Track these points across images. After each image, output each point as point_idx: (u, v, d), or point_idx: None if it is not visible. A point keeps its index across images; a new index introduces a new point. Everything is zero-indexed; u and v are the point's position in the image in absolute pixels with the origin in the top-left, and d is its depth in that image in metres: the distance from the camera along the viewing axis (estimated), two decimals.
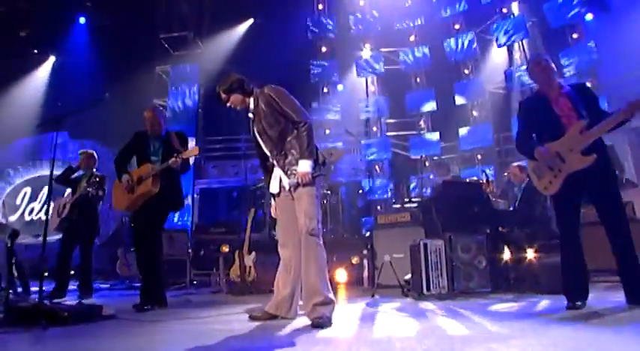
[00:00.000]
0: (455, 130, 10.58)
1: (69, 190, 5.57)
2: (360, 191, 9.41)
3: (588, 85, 3.45)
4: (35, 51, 11.80)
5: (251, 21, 12.07)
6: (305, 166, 2.93)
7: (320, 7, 11.23)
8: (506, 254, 4.92)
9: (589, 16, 8.87)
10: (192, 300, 4.74)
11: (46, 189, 11.06)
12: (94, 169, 5.57)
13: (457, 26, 10.53)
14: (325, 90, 11.32)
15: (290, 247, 3.12)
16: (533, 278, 4.44)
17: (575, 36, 8.91)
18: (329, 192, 7.25)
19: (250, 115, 3.21)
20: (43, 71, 11.87)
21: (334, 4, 11.24)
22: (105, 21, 11.35)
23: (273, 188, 3.20)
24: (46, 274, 5.20)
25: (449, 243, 4.57)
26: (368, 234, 8.52)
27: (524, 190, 5.37)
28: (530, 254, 5.02)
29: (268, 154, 3.14)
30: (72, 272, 5.54)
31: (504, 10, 9.88)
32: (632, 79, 8.16)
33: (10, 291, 4.73)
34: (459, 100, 10.66)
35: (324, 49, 11.18)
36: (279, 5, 11.77)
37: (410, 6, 10.92)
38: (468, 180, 6.82)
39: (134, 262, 7.72)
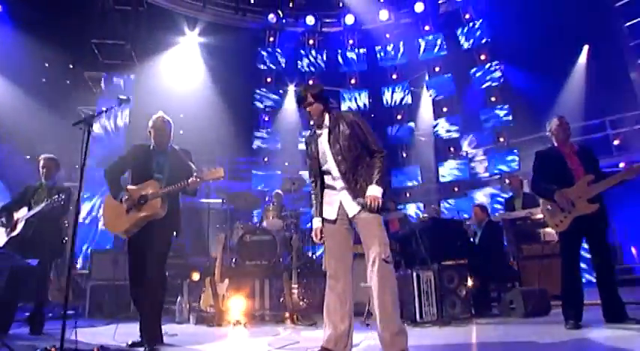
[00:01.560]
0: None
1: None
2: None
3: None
4: None
5: (197, 40, 11.78)
6: (376, 190, 2.90)
7: (271, 39, 11.54)
8: (478, 284, 5.58)
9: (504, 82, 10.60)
10: (178, 334, 4.25)
11: None
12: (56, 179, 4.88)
13: (394, 76, 11.68)
14: (266, 118, 11.52)
15: (342, 278, 3.00)
16: (507, 305, 5.12)
17: (493, 99, 10.55)
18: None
19: (322, 131, 3.12)
20: None
21: (284, 40, 11.66)
22: (30, 12, 10.08)
23: (330, 214, 3.07)
24: None
25: (437, 273, 5.06)
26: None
27: (484, 227, 6.19)
28: (495, 284, 5.78)
29: (338, 175, 3.01)
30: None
31: (436, 69, 11.30)
32: (539, 140, 9.95)
33: None
34: (391, 142, 11.73)
35: (269, 79, 11.43)
36: (226, 29, 11.79)
37: (356, 54, 11.84)
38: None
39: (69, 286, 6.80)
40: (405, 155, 11.61)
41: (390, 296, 2.83)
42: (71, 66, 11.15)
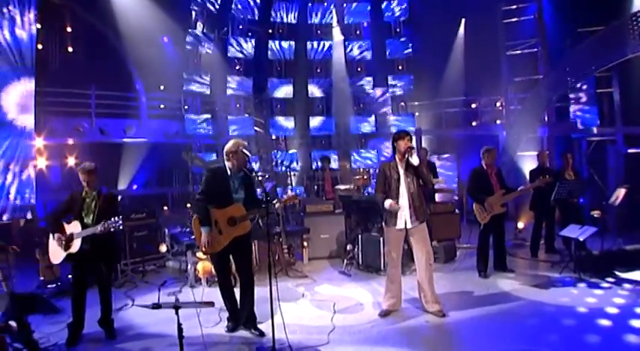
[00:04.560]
0: (306, 117, 12.99)
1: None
2: None
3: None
4: None
5: None
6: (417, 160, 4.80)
7: None
8: None
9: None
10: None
11: None
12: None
13: (319, 32, 12.64)
14: (195, 61, 11.53)
15: (398, 267, 5.03)
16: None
17: (400, 67, 12.58)
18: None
19: (402, 163, 4.81)
20: None
21: None
22: None
23: (399, 225, 4.82)
24: None
25: None
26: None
27: None
28: None
29: (407, 196, 4.75)
30: None
31: (357, 32, 12.63)
32: (435, 103, 12.56)
33: None
34: (312, 92, 13.06)
35: (199, 22, 11.25)
36: None
37: (287, 7, 12.29)
38: None
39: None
40: (321, 107, 13.11)
41: (433, 285, 4.95)
42: None
